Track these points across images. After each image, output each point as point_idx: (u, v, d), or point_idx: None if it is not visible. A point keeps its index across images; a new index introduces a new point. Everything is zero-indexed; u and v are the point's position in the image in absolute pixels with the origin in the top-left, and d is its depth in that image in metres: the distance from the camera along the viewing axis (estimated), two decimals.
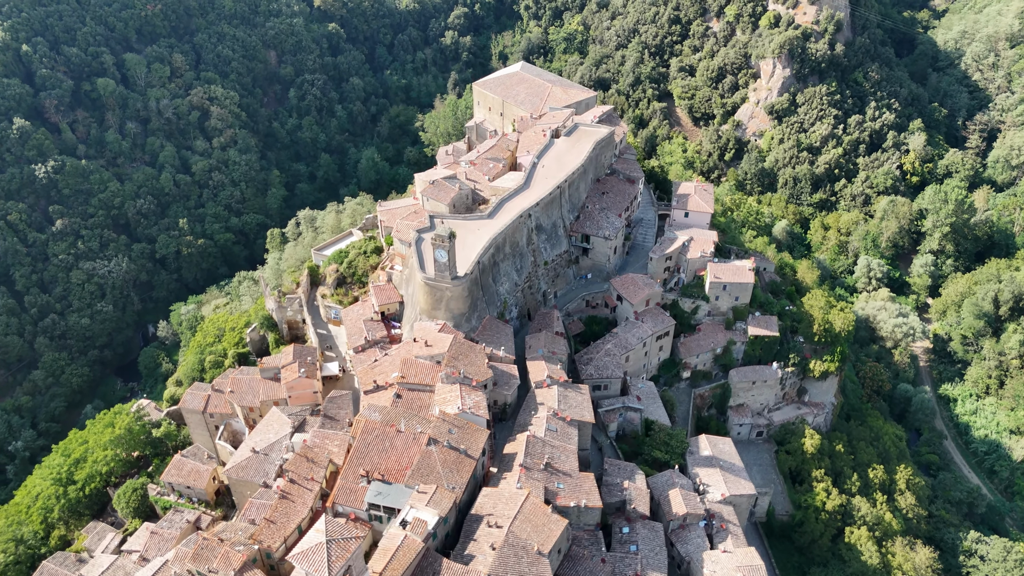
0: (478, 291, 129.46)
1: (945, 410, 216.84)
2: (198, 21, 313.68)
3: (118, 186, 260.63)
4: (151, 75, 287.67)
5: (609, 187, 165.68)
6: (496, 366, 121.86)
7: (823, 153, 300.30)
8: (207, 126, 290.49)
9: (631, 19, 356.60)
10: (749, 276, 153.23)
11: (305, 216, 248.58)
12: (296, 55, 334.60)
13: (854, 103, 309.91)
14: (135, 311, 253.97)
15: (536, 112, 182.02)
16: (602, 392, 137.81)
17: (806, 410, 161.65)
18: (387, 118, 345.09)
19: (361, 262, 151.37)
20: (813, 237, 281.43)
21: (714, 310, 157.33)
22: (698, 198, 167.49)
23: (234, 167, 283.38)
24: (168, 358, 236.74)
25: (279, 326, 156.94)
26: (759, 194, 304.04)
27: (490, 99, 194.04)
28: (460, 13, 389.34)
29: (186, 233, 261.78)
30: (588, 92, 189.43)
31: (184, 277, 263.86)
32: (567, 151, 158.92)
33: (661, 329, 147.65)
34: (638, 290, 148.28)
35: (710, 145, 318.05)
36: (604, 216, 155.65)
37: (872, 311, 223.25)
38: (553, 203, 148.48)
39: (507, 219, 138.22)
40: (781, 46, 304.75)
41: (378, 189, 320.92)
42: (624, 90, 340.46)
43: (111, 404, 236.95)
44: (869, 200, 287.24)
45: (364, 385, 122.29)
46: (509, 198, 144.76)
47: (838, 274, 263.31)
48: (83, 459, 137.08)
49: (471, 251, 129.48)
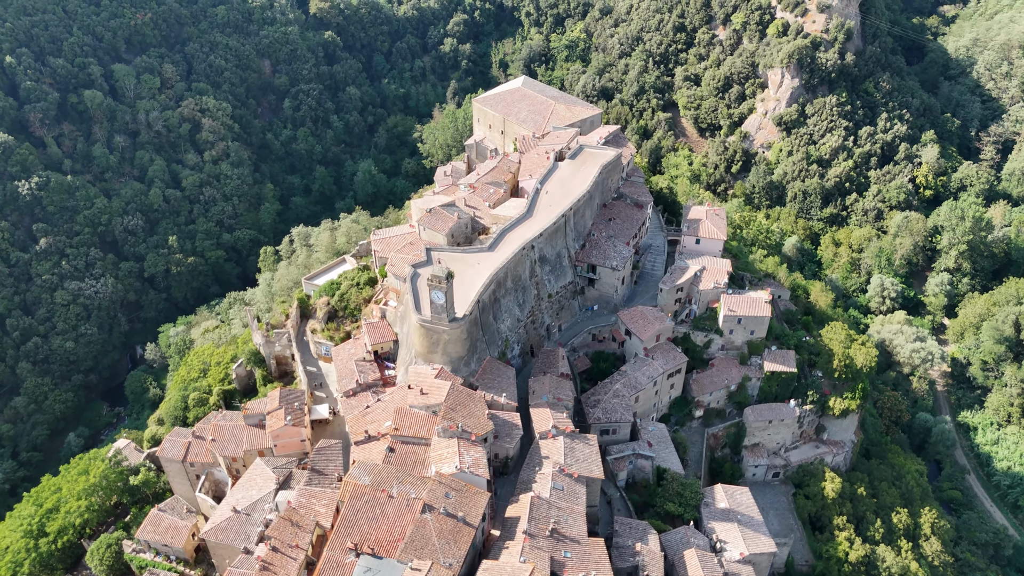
0: (477, 331, 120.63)
1: (965, 439, 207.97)
2: (190, 30, 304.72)
3: (105, 202, 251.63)
4: (140, 86, 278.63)
5: (616, 212, 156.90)
6: (497, 415, 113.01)
7: (833, 166, 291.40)
8: (198, 139, 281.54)
9: (635, 26, 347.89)
10: (765, 309, 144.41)
11: (299, 233, 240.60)
12: (291, 64, 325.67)
13: (865, 114, 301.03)
14: (122, 332, 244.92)
15: (539, 131, 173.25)
16: (611, 437, 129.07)
17: (825, 449, 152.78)
18: (384, 128, 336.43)
19: (354, 295, 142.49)
20: (824, 253, 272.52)
21: (728, 344, 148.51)
22: (710, 224, 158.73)
23: (226, 181, 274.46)
24: (156, 382, 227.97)
25: (267, 361, 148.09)
26: (767, 208, 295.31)
27: (490, 116, 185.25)
28: (459, 20, 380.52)
29: (176, 251, 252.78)
30: (593, 109, 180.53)
31: (174, 296, 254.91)
32: (572, 175, 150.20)
33: (673, 367, 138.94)
34: (648, 325, 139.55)
35: (716, 157, 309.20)
36: (611, 244, 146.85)
37: (888, 335, 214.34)
38: (557, 232, 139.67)
39: (509, 251, 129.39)
40: (790, 55, 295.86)
41: (375, 202, 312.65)
42: (628, 100, 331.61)
43: (96, 431, 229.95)
44: (881, 215, 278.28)
45: (355, 435, 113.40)
46: (511, 228, 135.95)
47: (851, 293, 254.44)
48: (56, 509, 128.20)
49: (470, 288, 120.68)
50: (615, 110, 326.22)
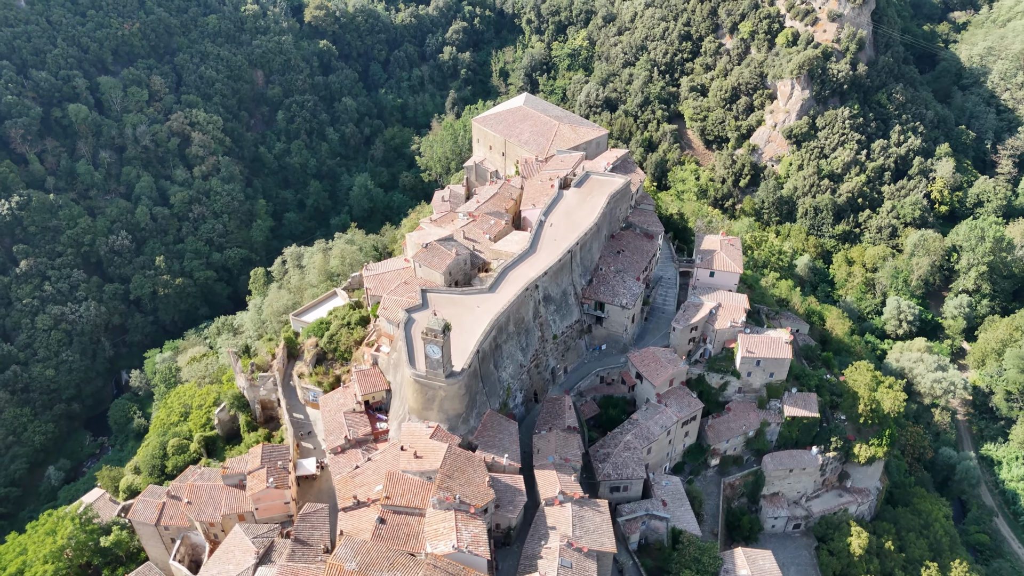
0: (477, 384, 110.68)
1: (989, 474, 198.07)
2: (179, 40, 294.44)
3: (89, 222, 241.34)
4: (127, 99, 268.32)
5: (625, 244, 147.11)
6: (499, 479, 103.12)
7: (845, 181, 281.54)
8: (188, 153, 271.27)
9: (639, 35, 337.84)
10: (786, 351, 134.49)
11: (291, 254, 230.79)
12: (285, 75, 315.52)
13: (877, 127, 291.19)
14: (106, 358, 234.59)
15: (542, 154, 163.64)
16: (621, 494, 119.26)
17: (849, 498, 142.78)
18: (381, 140, 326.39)
19: (344, 336, 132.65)
20: (837, 273, 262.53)
21: (745, 387, 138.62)
22: (725, 256, 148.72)
23: (216, 198, 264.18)
24: (140, 411, 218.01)
25: (251, 406, 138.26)
26: (777, 224, 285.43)
27: (491, 137, 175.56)
28: (459, 28, 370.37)
29: (163, 272, 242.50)
30: (599, 130, 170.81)
31: (161, 319, 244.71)
32: (578, 205, 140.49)
33: (688, 414, 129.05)
34: (660, 369, 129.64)
35: (724, 170, 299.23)
36: (620, 280, 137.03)
37: (908, 363, 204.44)
38: (563, 269, 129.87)
39: (511, 293, 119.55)
40: (800, 66, 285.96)
41: (371, 217, 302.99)
42: (632, 111, 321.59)
43: (79, 462, 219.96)
44: (896, 232, 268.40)
45: (343, 499, 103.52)
46: (513, 265, 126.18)
47: (865, 316, 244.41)
48: (20, 574, 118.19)
49: (469, 336, 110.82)
50: (619, 121, 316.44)
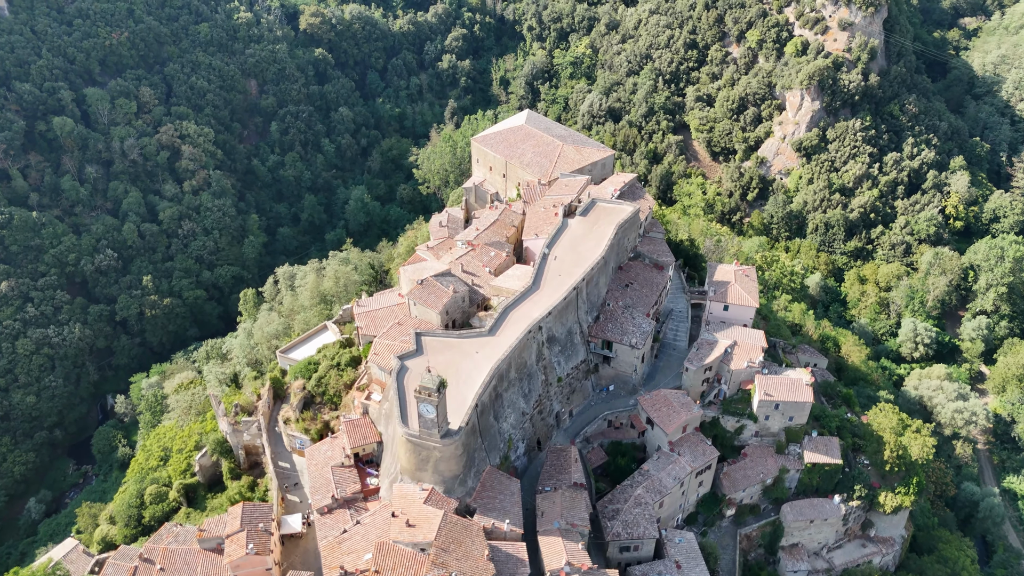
0: (475, 440, 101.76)
1: (1012, 509, 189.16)
2: (170, 49, 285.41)
3: (74, 240, 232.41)
4: (115, 112, 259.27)
5: (634, 275, 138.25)
6: (499, 547, 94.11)
7: (857, 195, 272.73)
8: (178, 167, 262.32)
9: (643, 43, 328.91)
10: (807, 394, 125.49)
11: (283, 273, 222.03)
12: (279, 84, 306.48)
13: (890, 139, 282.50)
14: (91, 382, 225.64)
15: (545, 176, 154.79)
16: (632, 554, 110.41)
17: (873, 549, 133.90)
18: (379, 152, 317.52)
19: (333, 379, 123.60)
20: (849, 292, 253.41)
21: (763, 431, 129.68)
22: (740, 288, 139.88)
23: (207, 213, 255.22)
24: (126, 439, 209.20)
25: (235, 451, 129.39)
26: (786, 239, 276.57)
27: (491, 158, 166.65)
28: (458, 35, 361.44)
29: (151, 292, 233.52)
30: (604, 151, 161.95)
31: (148, 341, 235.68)
32: (583, 236, 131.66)
33: (702, 464, 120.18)
34: (673, 414, 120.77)
35: (731, 183, 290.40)
36: (629, 317, 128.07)
37: (927, 392, 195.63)
38: (569, 307, 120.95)
39: (513, 336, 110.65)
40: (810, 77, 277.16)
41: (368, 231, 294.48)
42: (636, 121, 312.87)
43: (61, 492, 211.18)
44: (910, 249, 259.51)
45: (328, 568, 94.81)
46: (515, 304, 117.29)
47: (880, 338, 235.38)
48: None
49: (467, 387, 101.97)
50: (623, 132, 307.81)
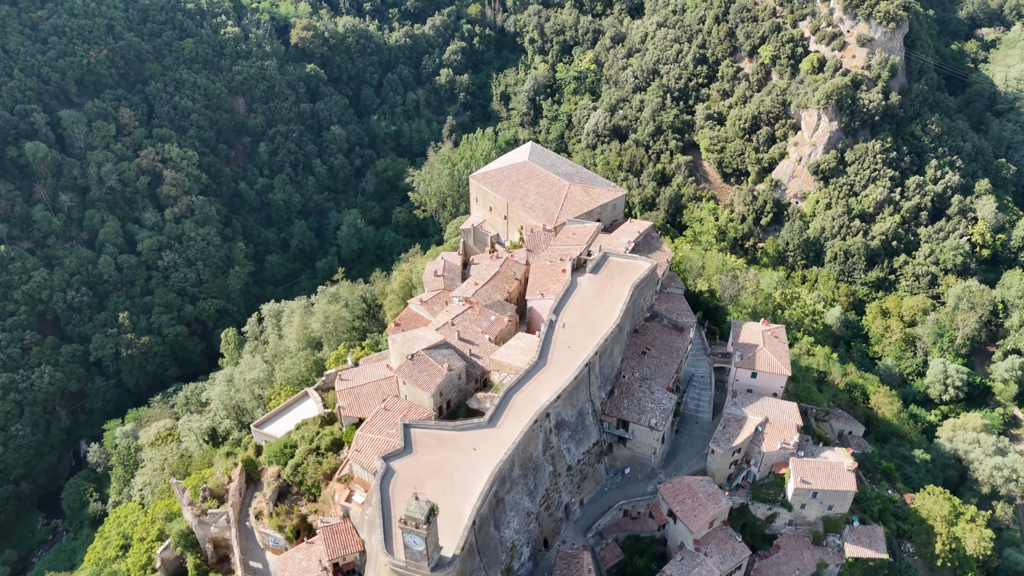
0: (473, 561, 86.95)
1: None
2: (152, 67, 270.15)
3: (46, 275, 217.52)
4: (92, 135, 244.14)
5: (651, 340, 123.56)
6: None
7: (878, 221, 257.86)
8: (159, 193, 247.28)
9: (650, 57, 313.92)
10: (849, 481, 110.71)
11: (269, 311, 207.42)
12: (268, 102, 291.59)
13: (912, 161, 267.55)
14: (63, 428, 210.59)
15: (551, 221, 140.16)
16: None
17: None
18: (373, 172, 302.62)
19: (311, 467, 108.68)
20: (871, 326, 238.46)
21: (798, 519, 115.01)
22: (769, 353, 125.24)
23: (190, 243, 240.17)
24: (98, 492, 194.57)
25: (201, 545, 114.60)
26: (803, 268, 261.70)
27: (491, 198, 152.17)
28: (457, 48, 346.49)
29: (127, 330, 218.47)
30: (615, 191, 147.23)
31: (125, 383, 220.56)
32: (595, 297, 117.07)
33: (732, 566, 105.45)
34: (699, 508, 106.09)
35: (744, 207, 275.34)
36: (646, 392, 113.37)
37: (962, 445, 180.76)
38: (580, 386, 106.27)
39: (516, 427, 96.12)
40: (828, 96, 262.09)
41: (361, 258, 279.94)
42: (643, 140, 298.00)
43: (29, 551, 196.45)
44: (935, 280, 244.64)
45: None
46: (518, 385, 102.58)
47: (906, 378, 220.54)
48: None
49: (463, 496, 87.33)
50: (629, 152, 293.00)
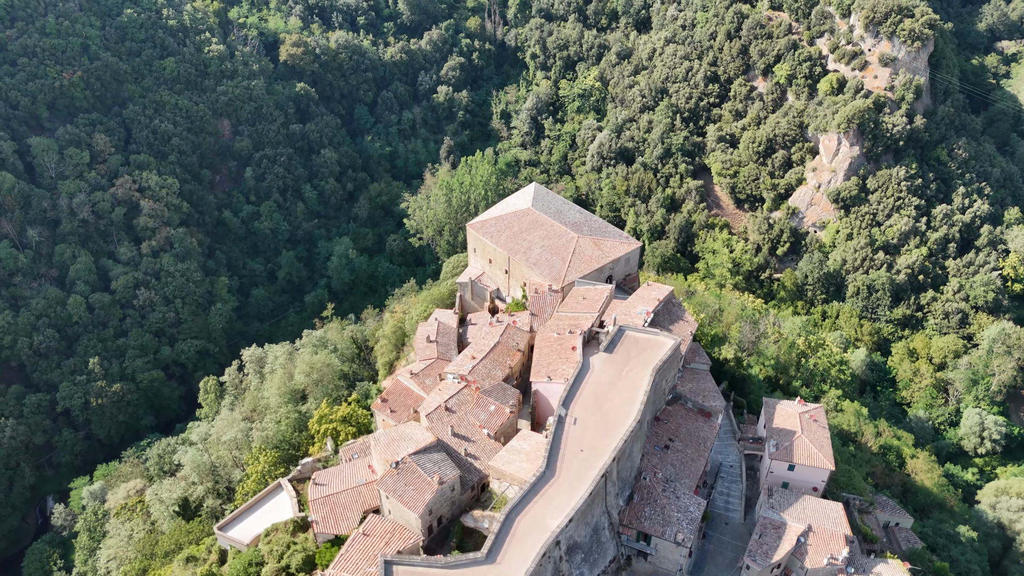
0: None
1: None
2: (131, 88, 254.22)
3: (10, 318, 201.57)
4: (64, 163, 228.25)
5: (674, 428, 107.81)
6: None
7: (903, 254, 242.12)
8: (136, 224, 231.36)
9: (658, 75, 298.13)
10: None
11: (250, 357, 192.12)
12: (255, 124, 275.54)
13: (938, 188, 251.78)
14: (27, 486, 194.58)
15: (557, 280, 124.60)
16: None
17: None
18: (366, 197, 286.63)
19: None
20: (898, 369, 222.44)
21: None
22: (809, 443, 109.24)
23: (168, 279, 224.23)
24: (63, 559, 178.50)
25: None
26: (823, 303, 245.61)
27: (491, 249, 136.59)
28: (455, 64, 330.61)
29: (99, 376, 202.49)
30: (628, 243, 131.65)
31: (95, 434, 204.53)
32: (610, 384, 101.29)
33: None
34: None
35: (759, 236, 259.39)
36: (671, 498, 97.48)
37: (1007, 514, 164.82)
38: (595, 500, 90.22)
39: (520, 565, 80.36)
40: (849, 119, 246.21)
41: (353, 289, 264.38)
42: (651, 163, 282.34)
43: None
44: (966, 319, 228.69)
45: None
46: (522, 504, 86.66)
47: (938, 428, 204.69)
48: None
49: None
50: (636, 176, 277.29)
